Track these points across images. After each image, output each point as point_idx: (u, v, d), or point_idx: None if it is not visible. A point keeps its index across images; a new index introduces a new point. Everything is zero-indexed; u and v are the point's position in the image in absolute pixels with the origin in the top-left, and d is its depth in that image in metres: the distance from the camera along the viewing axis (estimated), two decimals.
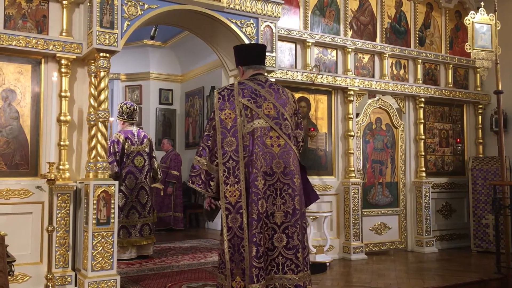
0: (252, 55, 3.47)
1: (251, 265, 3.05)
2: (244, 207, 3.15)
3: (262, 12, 5.09)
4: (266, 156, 3.21)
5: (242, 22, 5.00)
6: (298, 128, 3.50)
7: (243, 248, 3.12)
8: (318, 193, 5.95)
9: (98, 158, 4.29)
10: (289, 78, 5.75)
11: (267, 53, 4.95)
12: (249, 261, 3.07)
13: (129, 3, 4.38)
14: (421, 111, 6.88)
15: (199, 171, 3.26)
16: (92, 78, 4.52)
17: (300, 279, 3.16)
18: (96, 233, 4.13)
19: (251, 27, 5.05)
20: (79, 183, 4.45)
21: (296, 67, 5.94)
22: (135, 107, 6.37)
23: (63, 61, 4.44)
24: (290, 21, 5.93)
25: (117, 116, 6.33)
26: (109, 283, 4.13)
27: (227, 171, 3.20)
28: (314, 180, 6.01)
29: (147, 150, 6.20)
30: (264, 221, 3.14)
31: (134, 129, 6.25)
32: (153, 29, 8.37)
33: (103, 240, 4.15)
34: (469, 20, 5.78)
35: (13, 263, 3.21)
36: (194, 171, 3.29)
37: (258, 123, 3.25)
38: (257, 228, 3.10)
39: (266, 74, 3.53)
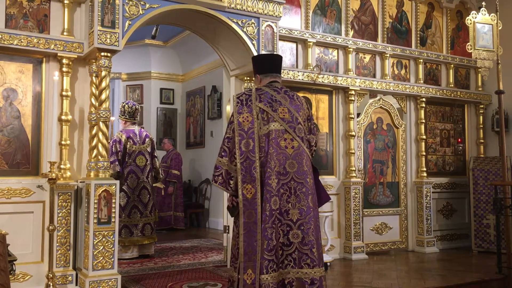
0: (269, 65, 3.74)
1: (262, 258, 3.24)
2: (259, 203, 3.35)
3: (263, 11, 5.09)
4: (280, 157, 3.41)
5: (243, 21, 5.00)
6: (311, 133, 3.70)
7: (255, 242, 3.28)
8: None
9: (99, 157, 4.29)
10: (290, 77, 5.75)
11: (268, 53, 4.99)
12: (260, 254, 3.25)
13: (131, 2, 4.39)
14: (422, 111, 6.88)
15: (221, 171, 3.46)
16: (93, 78, 4.52)
17: (316, 273, 3.32)
18: (97, 232, 4.13)
19: (252, 26, 5.05)
20: (80, 182, 4.46)
21: (297, 67, 5.94)
22: (137, 106, 6.38)
23: (64, 61, 4.44)
24: (291, 20, 5.93)
25: (119, 116, 6.34)
26: (110, 283, 4.13)
27: (244, 170, 3.39)
28: None
29: (148, 149, 6.21)
30: (277, 217, 3.34)
31: (136, 128, 6.26)
32: (154, 28, 8.38)
33: (104, 239, 4.15)
34: (470, 20, 5.77)
35: (14, 262, 3.21)
36: (216, 171, 3.50)
37: (274, 126, 3.46)
38: (268, 223, 3.29)
39: (280, 80, 3.74)
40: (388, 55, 6.61)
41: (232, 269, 3.45)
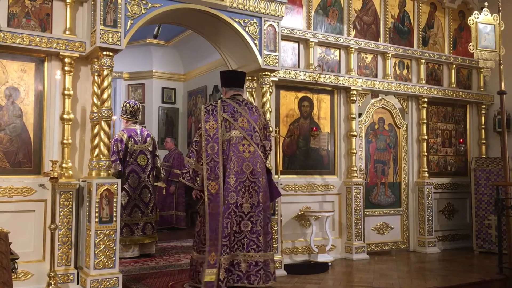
0: (233, 79, 4.51)
1: (221, 243, 3.97)
2: (221, 198, 4.05)
3: (265, 11, 5.09)
4: (238, 159, 4.14)
5: (245, 21, 5.00)
6: (266, 140, 4.43)
7: (217, 230, 4.00)
8: (320, 192, 6.05)
9: (101, 156, 4.30)
10: (291, 77, 5.75)
11: (270, 52, 5.08)
12: (220, 240, 3.98)
13: (133, 1, 4.39)
14: (424, 111, 6.87)
15: (188, 169, 4.24)
16: (95, 77, 4.53)
17: (260, 257, 4.08)
18: (98, 231, 4.14)
19: (254, 26, 5.05)
20: (82, 181, 4.46)
21: (299, 67, 5.94)
22: (139, 106, 6.38)
23: (66, 60, 4.45)
24: (293, 20, 5.93)
25: (121, 115, 6.35)
26: (111, 281, 4.14)
27: (209, 169, 4.12)
28: (316, 179, 6.02)
29: (150, 149, 6.22)
30: (233, 210, 4.06)
31: (137, 127, 6.26)
32: (156, 28, 8.37)
33: (105, 238, 4.16)
34: (472, 20, 5.76)
35: (16, 260, 3.21)
36: (184, 169, 4.30)
37: (234, 133, 4.21)
38: (225, 215, 4.03)
39: (242, 94, 4.52)
40: (390, 55, 6.60)
41: (196, 253, 4.22)
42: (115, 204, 4.21)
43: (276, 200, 5.06)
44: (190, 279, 4.39)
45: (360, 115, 6.45)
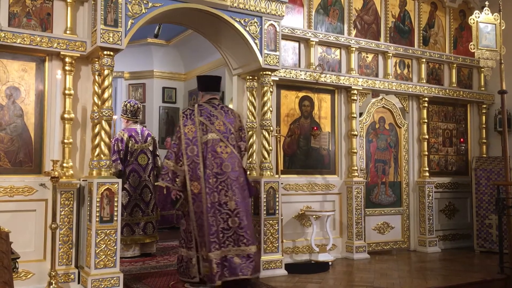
0: (209, 84, 4.72)
1: (208, 240, 4.18)
2: (204, 197, 4.25)
3: (266, 10, 5.09)
4: (217, 160, 4.34)
5: (246, 20, 5.00)
6: (241, 141, 4.62)
7: (204, 227, 4.22)
8: (321, 192, 6.08)
9: (102, 156, 4.30)
10: (292, 77, 5.75)
11: (270, 52, 5.10)
12: (207, 237, 4.18)
13: (133, 1, 4.39)
14: (425, 111, 6.87)
15: (167, 171, 4.39)
16: (96, 76, 4.53)
17: (251, 250, 4.29)
18: (99, 231, 4.15)
19: (255, 25, 5.05)
20: (83, 180, 4.46)
21: (299, 66, 5.94)
22: (139, 105, 6.39)
23: (67, 59, 4.45)
24: (294, 20, 5.93)
25: (121, 114, 6.35)
26: (112, 281, 4.14)
27: (191, 170, 4.32)
28: (317, 179, 6.01)
29: (150, 148, 6.22)
30: (217, 208, 4.25)
31: (138, 127, 6.26)
32: (157, 27, 8.36)
33: (106, 238, 4.16)
34: (473, 19, 5.76)
35: (17, 260, 3.22)
36: (163, 171, 4.43)
37: (211, 135, 4.40)
38: (210, 213, 4.23)
39: (219, 98, 4.75)
40: (390, 54, 6.60)
41: (185, 250, 4.42)
42: (116, 204, 4.22)
43: (277, 200, 5.07)
44: (181, 276, 4.51)
45: (360, 114, 6.44)
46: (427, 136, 6.86)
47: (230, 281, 4.23)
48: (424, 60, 6.92)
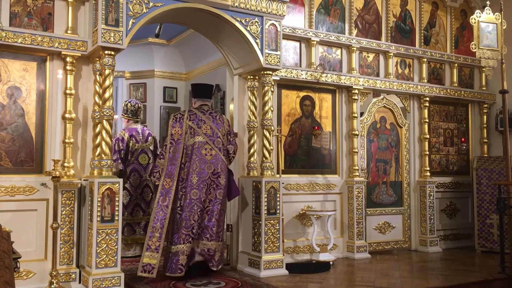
0: (202, 91, 5.17)
1: (181, 232, 4.66)
2: (172, 193, 4.68)
3: (267, 10, 5.09)
4: (201, 161, 4.79)
5: (247, 20, 5.00)
6: (230, 144, 5.02)
7: (164, 221, 4.61)
8: (322, 191, 6.08)
9: (103, 155, 4.30)
10: (293, 76, 5.74)
11: (271, 52, 5.11)
12: (180, 230, 4.67)
13: (134, 1, 4.39)
14: (426, 110, 6.86)
15: (159, 169, 4.85)
16: (97, 76, 4.53)
17: (212, 246, 4.78)
18: (100, 231, 4.15)
19: (256, 25, 5.05)
20: (84, 180, 4.47)
21: (300, 66, 5.93)
22: (140, 105, 6.39)
23: (68, 59, 4.45)
24: (295, 19, 5.92)
25: (122, 114, 6.35)
26: (113, 280, 4.15)
27: (168, 168, 4.77)
28: (318, 178, 6.01)
29: (151, 148, 6.23)
30: (196, 204, 4.72)
31: (139, 127, 6.27)
32: (158, 27, 8.36)
33: (107, 237, 4.17)
34: (474, 19, 5.75)
35: (18, 259, 3.22)
36: (156, 169, 4.90)
37: (198, 138, 4.85)
38: (188, 208, 4.69)
39: (210, 104, 5.21)
40: (391, 54, 6.60)
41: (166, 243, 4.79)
42: (116, 203, 4.22)
43: (278, 200, 5.07)
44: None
45: (361, 114, 6.44)
46: (428, 136, 6.86)
47: (193, 270, 4.78)
48: (425, 59, 6.91)
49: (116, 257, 4.20)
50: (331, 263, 5.52)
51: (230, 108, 6.89)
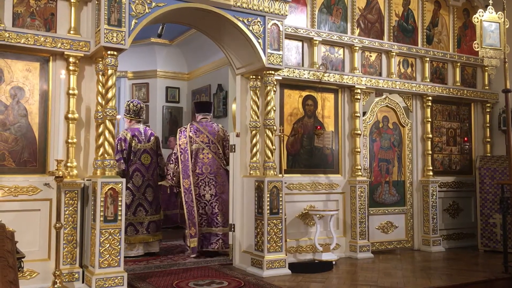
0: (202, 107, 6.42)
1: (193, 221, 5.89)
2: (193, 190, 5.94)
3: (269, 10, 5.09)
4: (199, 164, 6.02)
5: (249, 20, 5.00)
6: (225, 149, 6.11)
7: (193, 213, 5.91)
8: (324, 191, 6.12)
9: (106, 155, 4.31)
10: (295, 76, 5.74)
11: (274, 51, 5.12)
12: (193, 219, 5.90)
13: (137, 1, 4.40)
14: (429, 110, 6.85)
15: (169, 172, 6.18)
16: (100, 76, 4.54)
17: (219, 231, 5.96)
18: (103, 230, 4.16)
19: (258, 25, 5.05)
20: (87, 180, 4.48)
21: (303, 65, 5.93)
22: (142, 105, 6.40)
23: (71, 59, 4.46)
24: (297, 19, 5.92)
25: (124, 114, 6.36)
26: (116, 280, 4.15)
27: (183, 171, 5.99)
28: (320, 178, 6.01)
29: (154, 148, 6.23)
30: (196, 199, 5.95)
31: (141, 127, 6.27)
32: (160, 27, 8.37)
33: (110, 237, 4.17)
34: (477, 18, 5.74)
35: (22, 259, 3.22)
36: (168, 172, 6.19)
37: (196, 145, 6.06)
38: (193, 202, 5.92)
39: (210, 116, 6.42)
40: (394, 53, 6.59)
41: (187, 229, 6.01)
42: (119, 203, 4.23)
43: (281, 199, 5.08)
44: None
45: (364, 113, 6.43)
46: (430, 135, 6.85)
47: (204, 251, 5.93)
48: (427, 59, 6.90)
49: (119, 257, 4.21)
50: (333, 262, 5.52)
51: (233, 108, 6.89)
